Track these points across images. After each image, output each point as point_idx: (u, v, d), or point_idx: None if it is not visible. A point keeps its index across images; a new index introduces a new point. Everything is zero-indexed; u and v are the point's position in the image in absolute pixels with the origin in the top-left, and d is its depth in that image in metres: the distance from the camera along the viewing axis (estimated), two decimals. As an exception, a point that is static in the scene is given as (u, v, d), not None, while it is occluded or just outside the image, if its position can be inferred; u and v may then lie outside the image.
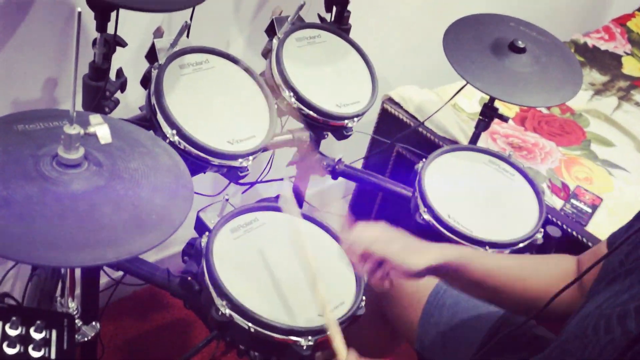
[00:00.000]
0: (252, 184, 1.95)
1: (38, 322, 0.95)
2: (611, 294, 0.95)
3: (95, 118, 0.98)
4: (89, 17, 1.27)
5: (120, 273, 1.86)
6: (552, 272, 1.23)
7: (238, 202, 2.18)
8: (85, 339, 1.16)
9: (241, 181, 1.49)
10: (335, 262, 1.41)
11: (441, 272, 1.21)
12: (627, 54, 3.28)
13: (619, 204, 2.12)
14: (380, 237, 1.22)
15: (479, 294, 1.27)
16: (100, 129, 0.97)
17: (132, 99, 1.66)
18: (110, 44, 1.29)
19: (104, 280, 1.80)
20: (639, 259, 0.96)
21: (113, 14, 1.27)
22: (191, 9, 1.46)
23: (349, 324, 1.29)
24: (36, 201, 0.91)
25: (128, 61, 1.49)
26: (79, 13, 0.87)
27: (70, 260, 0.87)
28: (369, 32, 2.06)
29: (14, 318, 0.94)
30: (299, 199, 1.98)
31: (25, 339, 0.94)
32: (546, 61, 1.84)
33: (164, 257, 2.17)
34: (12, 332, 0.93)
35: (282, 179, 2.04)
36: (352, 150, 2.33)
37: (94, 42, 1.30)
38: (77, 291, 1.31)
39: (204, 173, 1.46)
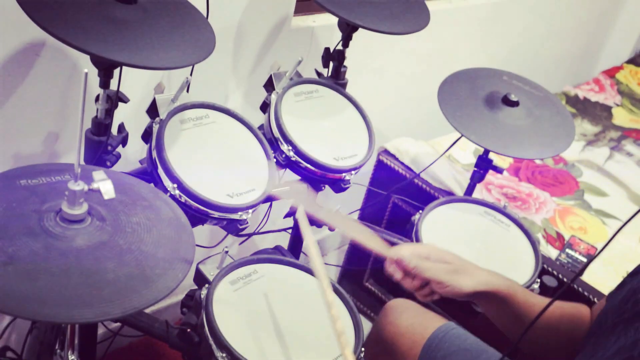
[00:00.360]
0: (249, 235, 1.97)
1: (40, 376, 0.96)
2: (602, 346, 0.96)
3: (98, 174, 1.00)
4: (92, 74, 1.30)
5: (118, 324, 1.86)
6: (574, 312, 1.25)
7: (235, 253, 2.20)
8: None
9: (239, 233, 1.51)
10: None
11: (487, 298, 1.24)
12: (617, 105, 3.34)
13: (613, 254, 2.14)
14: (430, 255, 1.24)
15: (514, 329, 1.27)
16: (104, 185, 0.99)
17: (131, 152, 1.69)
18: (113, 100, 1.32)
19: (101, 331, 1.80)
20: (631, 309, 0.97)
21: (116, 71, 1.30)
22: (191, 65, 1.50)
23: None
24: (41, 258, 0.93)
25: (128, 115, 1.52)
26: (86, 74, 0.90)
27: (76, 317, 0.87)
28: (365, 86, 2.10)
29: (16, 372, 0.94)
30: (297, 250, 2.00)
31: (27, 394, 0.94)
32: (539, 114, 1.88)
33: (161, 308, 2.17)
34: (15, 387, 0.94)
35: (279, 231, 2.05)
36: (349, 202, 2.35)
37: (97, 98, 1.33)
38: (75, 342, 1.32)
39: (203, 225, 1.47)
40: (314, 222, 1.89)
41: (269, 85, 1.68)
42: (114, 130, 1.40)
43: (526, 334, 1.24)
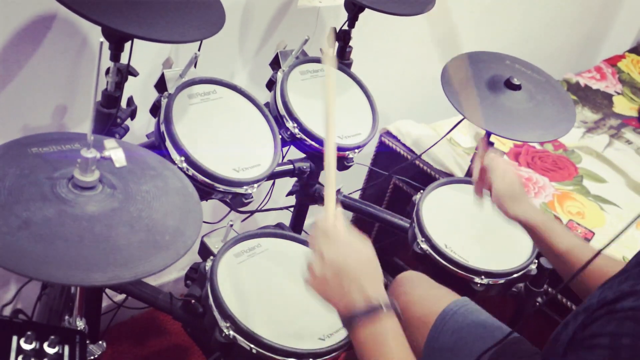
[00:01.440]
0: (252, 212, 1.99)
1: (52, 337, 0.98)
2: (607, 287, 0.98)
3: (110, 142, 1.03)
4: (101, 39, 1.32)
5: (122, 296, 1.89)
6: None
7: (238, 229, 2.21)
8: (92, 357, 1.18)
9: (241, 209, 1.53)
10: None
11: (527, 228, 1.42)
12: (618, 93, 3.35)
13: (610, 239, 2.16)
14: (507, 171, 1.48)
15: (553, 261, 1.41)
16: (116, 153, 1.01)
17: (138, 127, 1.71)
18: (123, 73, 1.34)
19: (105, 303, 1.83)
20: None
21: (126, 45, 1.32)
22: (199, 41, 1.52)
23: (350, 348, 1.32)
24: (54, 223, 0.95)
25: (136, 89, 1.54)
26: (102, 43, 0.92)
27: (91, 280, 0.90)
28: (369, 67, 2.11)
29: (28, 333, 0.97)
30: (298, 228, 2.02)
31: (39, 353, 0.97)
32: (540, 98, 1.90)
33: (163, 283, 2.20)
34: (27, 347, 0.96)
35: (281, 209, 2.08)
36: (351, 182, 2.37)
37: (107, 71, 1.35)
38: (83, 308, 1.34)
39: (207, 201, 1.50)
40: (314, 201, 1.92)
41: (275, 63, 1.70)
42: (123, 103, 1.42)
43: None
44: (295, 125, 1.59)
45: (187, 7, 1.31)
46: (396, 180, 2.36)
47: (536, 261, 1.70)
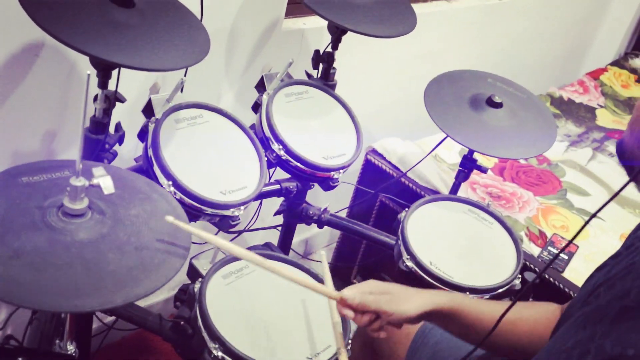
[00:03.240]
0: (240, 232, 2.02)
1: (43, 363, 1.01)
2: (562, 338, 1.00)
3: (98, 170, 1.05)
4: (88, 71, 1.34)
5: (112, 318, 1.90)
6: (536, 317, 1.29)
7: (226, 249, 2.24)
8: (83, 381, 1.20)
9: (230, 230, 1.56)
10: (321, 306, 1.47)
11: (434, 317, 1.27)
12: (601, 106, 3.40)
13: (594, 252, 2.20)
14: (372, 290, 1.27)
15: (471, 338, 1.31)
16: (104, 180, 1.04)
17: (126, 150, 1.73)
18: (111, 99, 1.37)
19: (95, 325, 1.84)
20: (593, 302, 1.01)
21: (114, 72, 1.34)
22: (186, 66, 1.55)
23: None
24: (45, 251, 0.98)
25: (124, 114, 1.57)
26: (89, 75, 0.95)
27: (82, 306, 0.92)
28: (354, 87, 2.15)
29: (20, 359, 0.99)
30: (286, 247, 2.05)
31: (30, 379, 0.99)
32: (522, 115, 1.93)
33: (153, 303, 2.22)
34: (19, 373, 0.99)
35: (269, 228, 2.10)
36: (337, 200, 2.40)
37: (95, 98, 1.37)
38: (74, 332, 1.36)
39: (195, 222, 1.52)
40: (301, 220, 1.94)
41: (261, 86, 1.73)
42: (111, 129, 1.45)
43: (487, 342, 1.30)
44: (281, 147, 1.62)
45: (173, 34, 1.34)
46: (383, 198, 2.38)
47: (520, 276, 1.73)
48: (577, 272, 2.07)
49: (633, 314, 0.90)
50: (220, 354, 1.27)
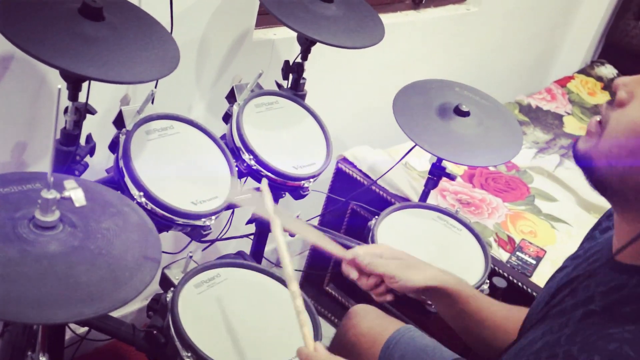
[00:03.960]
0: (212, 242, 2.03)
1: (14, 375, 1.01)
2: (527, 341, 1.03)
3: (69, 183, 1.06)
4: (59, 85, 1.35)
5: (85, 329, 1.90)
6: (507, 314, 1.32)
7: (199, 258, 2.25)
8: (56, 392, 1.21)
9: (202, 239, 1.57)
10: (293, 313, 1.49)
11: (437, 293, 1.30)
12: (568, 113, 3.47)
13: (561, 256, 2.22)
14: (383, 254, 1.31)
15: (464, 324, 1.34)
16: (75, 193, 1.05)
17: (97, 161, 1.74)
18: (82, 111, 1.38)
19: (68, 336, 1.85)
20: (557, 305, 1.04)
21: (84, 84, 1.36)
22: (156, 78, 1.56)
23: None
24: (16, 263, 0.98)
25: (94, 125, 1.58)
26: (59, 90, 0.96)
27: (50, 318, 0.93)
28: (324, 97, 2.17)
29: (-9, 371, 1.00)
30: (259, 255, 2.06)
31: (2, 392, 1.00)
32: (489, 124, 1.97)
33: (126, 313, 2.22)
34: (-10, 385, 0.99)
35: (241, 237, 2.12)
36: (309, 208, 2.42)
37: (66, 110, 1.38)
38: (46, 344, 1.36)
39: (167, 232, 1.54)
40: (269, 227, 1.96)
41: (231, 97, 1.75)
42: (82, 140, 1.46)
43: (476, 334, 1.32)
44: (251, 157, 1.64)
45: (143, 46, 1.35)
46: (354, 206, 2.41)
47: (488, 281, 1.76)
48: (545, 277, 2.07)
49: (597, 319, 0.93)
50: (192, 362, 1.29)
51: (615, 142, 0.92)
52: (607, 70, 3.96)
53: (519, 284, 2.06)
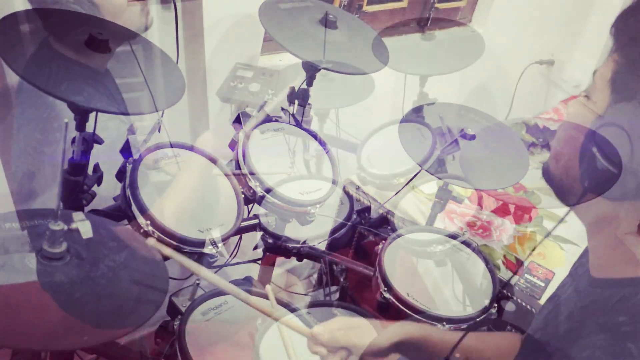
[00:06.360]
0: (220, 267, 2.03)
1: (23, 406, 1.02)
2: None
3: (77, 215, 1.07)
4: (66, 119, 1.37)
5: (93, 355, 1.90)
6: (500, 344, 1.32)
7: (206, 284, 2.25)
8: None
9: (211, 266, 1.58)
10: (299, 340, 1.49)
11: (404, 347, 1.30)
12: (575, 133, 3.45)
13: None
14: (341, 327, 1.31)
15: None
16: (83, 226, 1.06)
17: (105, 187, 1.75)
18: (89, 142, 1.39)
19: (77, 364, 1.85)
20: (548, 330, 1.04)
21: (91, 115, 1.37)
22: (163, 107, 1.57)
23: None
24: (21, 292, 0.99)
25: (101, 154, 1.58)
26: (67, 124, 0.97)
27: (51, 345, 0.94)
28: (331, 121, 2.18)
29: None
30: (267, 282, 2.06)
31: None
32: (495, 146, 1.97)
33: (134, 339, 2.22)
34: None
35: (249, 262, 2.12)
36: (317, 232, 2.41)
37: (73, 140, 1.39)
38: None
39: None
40: (281, 253, 1.97)
41: (237, 123, 1.76)
42: (90, 170, 1.47)
43: None
44: (258, 183, 1.64)
45: (149, 77, 1.37)
46: (361, 230, 2.40)
47: (496, 305, 1.75)
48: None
49: (573, 334, 0.94)
50: (199, 390, 1.29)
51: None
52: (614, 89, 3.95)
53: (528, 306, 2.05)
